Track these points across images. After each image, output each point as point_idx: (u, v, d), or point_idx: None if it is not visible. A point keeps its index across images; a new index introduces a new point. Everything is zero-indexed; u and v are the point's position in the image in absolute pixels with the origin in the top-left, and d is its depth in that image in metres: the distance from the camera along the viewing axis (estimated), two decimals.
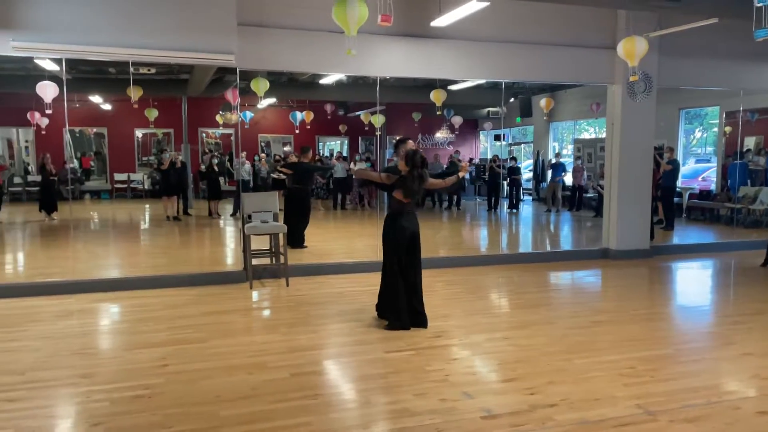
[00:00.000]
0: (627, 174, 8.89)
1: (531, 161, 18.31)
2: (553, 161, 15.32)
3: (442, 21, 7.31)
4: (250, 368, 4.32)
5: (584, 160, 15.00)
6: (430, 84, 11.49)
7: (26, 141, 16.60)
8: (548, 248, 10.56)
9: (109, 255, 9.22)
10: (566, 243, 11.29)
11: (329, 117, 17.17)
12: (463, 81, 11.62)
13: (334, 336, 5.20)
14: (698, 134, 17.00)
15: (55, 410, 3.73)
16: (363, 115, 16.01)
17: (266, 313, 6.27)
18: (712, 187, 13.49)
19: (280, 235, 7.25)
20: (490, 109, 16.98)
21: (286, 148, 19.46)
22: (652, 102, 8.83)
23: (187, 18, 6.76)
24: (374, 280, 7.14)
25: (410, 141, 5.63)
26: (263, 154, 15.48)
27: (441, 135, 19.92)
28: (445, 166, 15.98)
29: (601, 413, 3.58)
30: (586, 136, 17.58)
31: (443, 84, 11.44)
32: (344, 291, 6.75)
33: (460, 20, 7.29)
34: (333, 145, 20.69)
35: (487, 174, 15.92)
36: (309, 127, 16.53)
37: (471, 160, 16.27)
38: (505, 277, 7.74)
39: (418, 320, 5.29)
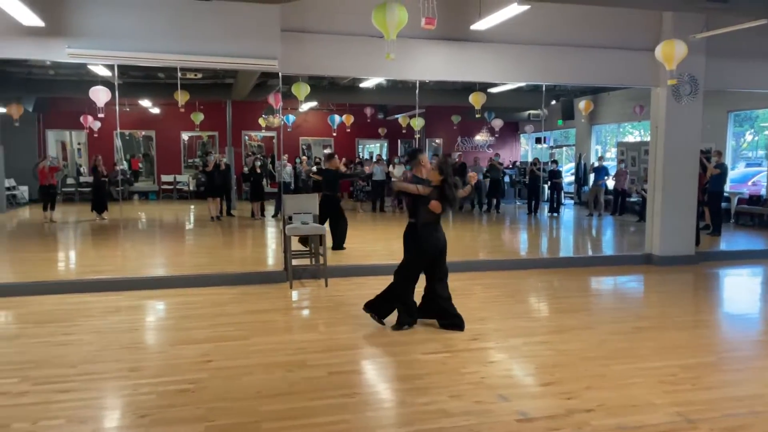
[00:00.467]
0: (672, 178, 8.69)
1: (573, 164, 18.04)
2: (596, 164, 15.06)
3: (482, 24, 7.31)
4: (289, 366, 4.43)
5: (628, 164, 14.71)
6: (470, 87, 11.47)
7: (79, 143, 17.31)
8: (589, 253, 10.40)
9: (156, 254, 9.53)
10: (608, 248, 11.10)
11: (369, 120, 17.31)
12: (503, 84, 11.55)
13: (371, 336, 5.27)
14: (749, 137, 16.46)
15: (105, 401, 3.90)
16: (401, 118, 16.08)
17: (305, 312, 6.39)
18: (763, 191, 13.05)
19: (318, 237, 7.37)
20: (531, 111, 16.81)
21: (326, 151, 19.71)
22: (698, 104, 8.62)
23: (232, 25, 6.97)
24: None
25: (423, 152, 5.68)
26: (304, 157, 15.72)
27: (480, 138, 19.84)
28: (485, 170, 15.93)
29: (639, 420, 3.54)
30: (630, 139, 17.23)
31: (483, 87, 11.40)
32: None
33: (500, 23, 7.28)
34: (372, 148, 20.84)
35: (527, 177, 15.76)
36: (349, 130, 16.70)
37: (493, 158, 16.05)
38: (544, 282, 7.68)
39: (455, 322, 5.32)
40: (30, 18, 6.11)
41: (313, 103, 16.38)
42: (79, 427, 3.46)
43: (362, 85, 13.15)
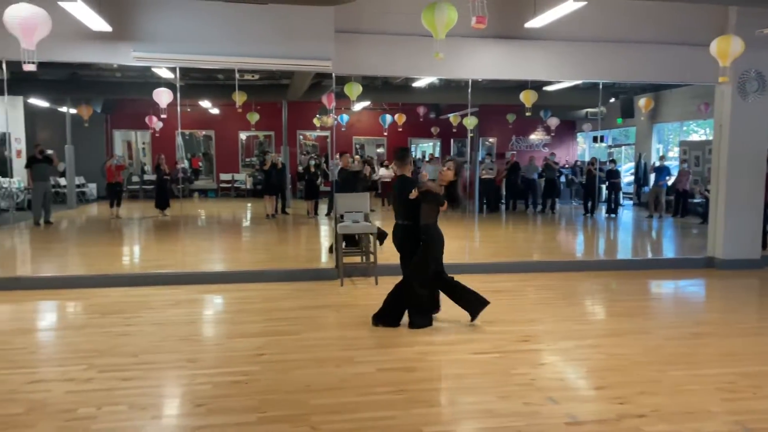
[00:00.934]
0: (736, 178, 8.32)
1: (632, 164, 17.48)
2: (657, 164, 14.55)
3: (537, 22, 7.21)
4: (338, 361, 4.51)
5: (691, 164, 14.15)
6: (525, 85, 11.30)
7: (143, 143, 18.03)
8: (648, 255, 10.09)
9: (214, 250, 9.85)
10: (668, 250, 10.73)
11: (421, 119, 17.29)
12: (559, 82, 11.33)
13: (419, 335, 5.29)
14: None
15: (164, 390, 4.09)
16: (452, 117, 15.99)
17: (355, 310, 6.47)
18: None
19: (370, 235, 7.45)
20: (589, 110, 16.40)
21: (379, 150, 19.84)
22: (765, 102, 8.22)
23: (288, 27, 7.13)
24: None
25: (410, 152, 5.77)
26: (357, 156, 15.85)
27: (536, 137, 19.49)
28: (540, 169, 15.67)
29: (694, 427, 3.44)
30: (694, 138, 16.56)
31: (535, 85, 11.21)
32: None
33: (555, 20, 7.15)
34: (425, 147, 20.81)
35: (583, 177, 15.39)
36: (401, 129, 16.73)
37: (549, 158, 15.69)
38: (600, 284, 7.50)
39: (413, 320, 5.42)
40: (99, 23, 6.44)
41: (366, 103, 16.50)
42: (139, 413, 3.64)
43: (415, 84, 13.15)
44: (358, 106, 16.35)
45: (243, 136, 18.55)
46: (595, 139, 17.94)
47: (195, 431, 3.41)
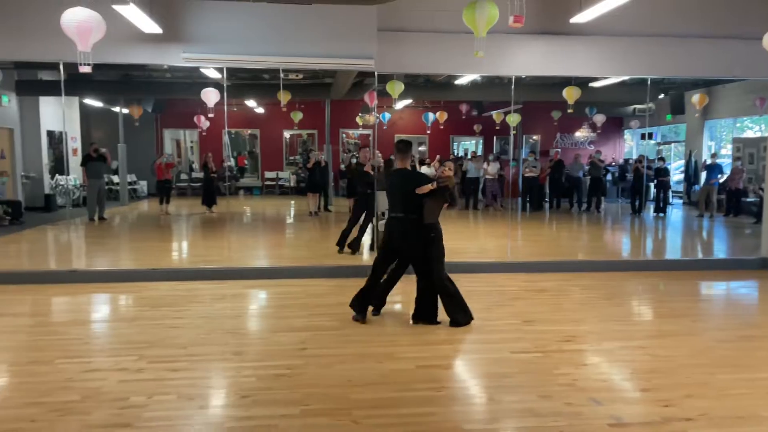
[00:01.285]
0: None
1: (682, 162, 16.96)
2: (708, 162, 14.08)
3: (582, 17, 7.09)
4: (379, 357, 4.56)
5: (745, 161, 13.64)
6: (569, 81, 11.12)
7: (191, 141, 18.55)
8: (699, 255, 9.78)
9: (259, 246, 10.05)
10: (719, 251, 10.38)
11: (464, 117, 17.21)
12: (605, 78, 11.10)
13: (460, 333, 5.29)
14: None
15: (211, 381, 4.21)
16: (495, 114, 15.85)
17: (397, 306, 6.51)
18: None
19: None
20: (637, 106, 16.00)
21: (421, 148, 19.81)
22: None
23: (331, 27, 7.22)
24: (503, 281, 7.16)
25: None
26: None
27: (581, 134, 19.12)
28: (586, 167, 15.38)
29: None
30: (749, 134, 15.94)
31: (579, 81, 11.01)
32: (472, 290, 6.78)
33: (601, 15, 7.01)
34: (467, 145, 20.69)
35: (631, 175, 15.03)
36: (443, 127, 16.70)
37: (594, 155, 15.34)
38: (646, 285, 7.33)
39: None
40: (150, 26, 6.66)
41: (408, 101, 16.52)
42: (187, 403, 3.77)
43: (457, 81, 13.11)
44: (399, 104, 16.39)
45: (287, 134, 18.84)
46: (643, 137, 17.49)
47: (240, 422, 3.51)
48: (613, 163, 17.89)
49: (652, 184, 14.52)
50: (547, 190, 15.73)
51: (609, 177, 16.57)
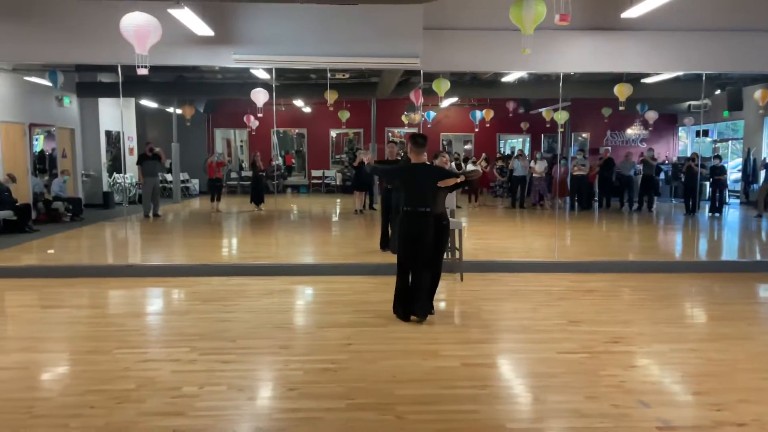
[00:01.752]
0: None
1: (740, 160, 16.31)
2: None
3: (633, 12, 6.93)
4: (424, 354, 4.59)
5: None
6: (620, 78, 10.85)
7: (241, 141, 18.99)
8: (757, 257, 9.41)
9: (305, 243, 10.22)
10: None
11: (511, 115, 17.02)
12: (658, 74, 10.79)
13: (504, 332, 5.27)
14: None
15: (259, 374, 4.33)
16: (544, 112, 15.61)
17: (440, 304, 6.52)
18: None
19: (456, 231, 7.45)
20: (692, 102, 15.47)
21: (467, 147, 19.69)
22: None
23: (377, 26, 7.29)
24: (549, 280, 7.08)
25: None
26: (446, 153, 15.84)
27: (632, 131, 18.62)
28: (638, 166, 14.98)
29: None
30: None
31: (631, 77, 10.71)
32: (518, 289, 6.76)
33: (653, 9, 6.84)
34: (514, 143, 20.46)
35: (684, 174, 14.54)
36: (489, 125, 16.56)
37: (646, 153, 14.88)
38: (700, 286, 7.11)
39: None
40: (202, 28, 6.88)
41: (454, 99, 16.45)
42: (237, 394, 3.89)
43: (504, 79, 12.98)
44: (445, 103, 16.34)
45: (333, 133, 19.05)
46: (698, 134, 16.90)
47: (288, 413, 3.60)
48: (666, 162, 17.37)
49: (707, 183, 14.02)
50: (596, 189, 15.39)
51: (662, 176, 16.08)
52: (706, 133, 16.97)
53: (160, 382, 4.03)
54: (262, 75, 9.76)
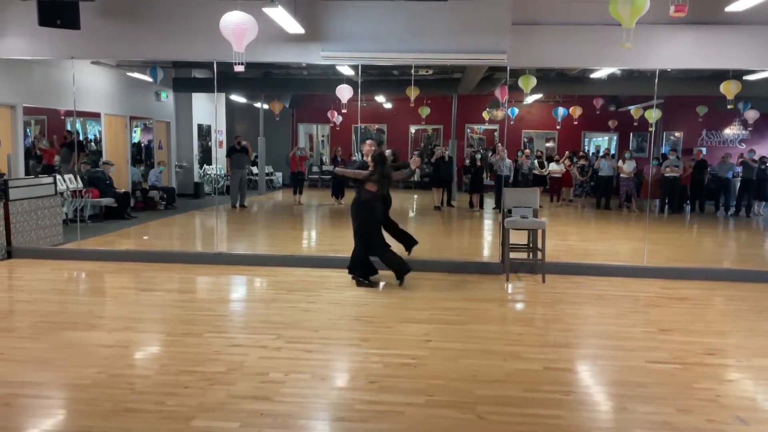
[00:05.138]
0: None
1: None
2: None
3: (739, 5, 6.50)
4: (504, 355, 4.53)
5: None
6: (720, 75, 10.21)
7: (323, 136, 19.40)
8: None
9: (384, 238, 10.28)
10: None
11: (598, 112, 16.40)
12: (763, 71, 10.07)
13: (590, 337, 5.12)
14: None
15: (341, 364, 4.43)
16: (633, 109, 14.93)
17: (521, 306, 6.42)
18: None
19: (540, 231, 7.29)
20: None
21: (549, 144, 19.18)
22: None
23: (464, 22, 7.23)
24: (638, 286, 6.79)
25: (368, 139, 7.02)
26: (527, 150, 15.53)
27: (731, 131, 17.49)
28: (737, 168, 14.08)
29: None
30: None
31: (736, 74, 10.05)
32: (603, 293, 6.53)
33: (761, 2, 6.39)
34: (599, 142, 19.72)
35: None
36: (576, 122, 16.04)
37: (746, 155, 13.85)
38: None
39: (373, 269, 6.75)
40: (294, 27, 7.07)
41: (538, 95, 16.07)
42: (320, 383, 4.00)
43: (593, 75, 12.53)
44: (529, 99, 15.99)
45: (413, 129, 19.08)
46: None
47: (369, 405, 3.66)
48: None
49: None
50: (689, 192, 14.58)
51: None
52: None
53: (248, 367, 4.21)
54: (346, 71, 9.92)
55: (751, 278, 7.29)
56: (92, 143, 12.46)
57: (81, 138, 11.92)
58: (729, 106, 10.59)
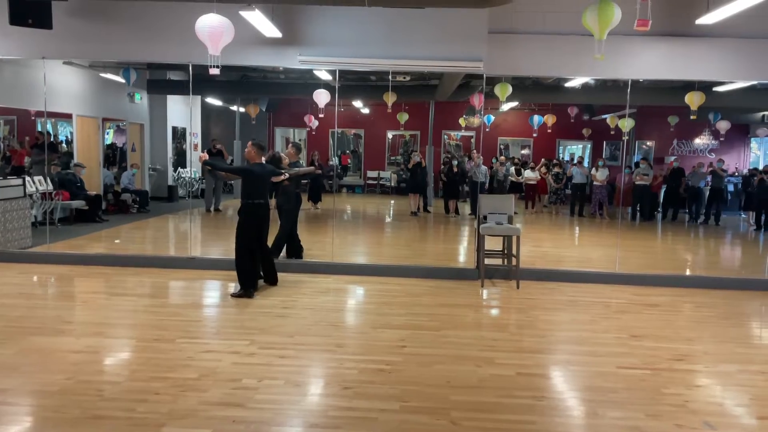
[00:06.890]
0: None
1: None
2: None
3: (710, 18, 6.66)
4: (478, 361, 4.56)
5: None
6: (690, 85, 10.43)
7: (300, 140, 19.31)
8: None
9: (360, 243, 10.31)
10: None
11: (572, 120, 16.63)
12: (732, 83, 10.32)
13: (562, 343, 5.18)
14: None
15: (315, 370, 4.40)
16: (609, 118, 15.17)
17: (495, 312, 6.46)
18: None
19: (514, 237, 7.36)
20: (766, 113, 14.75)
21: (524, 152, 19.40)
22: None
23: (441, 29, 7.28)
24: (609, 292, 6.89)
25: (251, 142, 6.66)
26: (502, 157, 15.68)
27: (701, 141, 17.89)
28: (707, 176, 14.40)
29: None
30: None
31: (703, 85, 10.28)
32: (576, 299, 6.61)
33: (731, 16, 6.55)
34: (574, 149, 19.99)
35: (755, 186, 13.86)
36: (550, 130, 16.24)
37: (716, 164, 14.21)
38: None
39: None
40: (271, 30, 7.04)
41: (514, 103, 16.23)
42: (294, 389, 3.97)
43: (567, 84, 12.71)
44: (505, 107, 16.14)
45: (390, 135, 19.13)
46: None
47: (342, 411, 3.65)
48: (736, 173, 16.61)
49: None
50: (661, 200, 14.87)
51: (731, 188, 15.39)
52: None
53: (220, 373, 4.16)
54: (324, 76, 9.90)
55: (718, 285, 7.45)
56: (63, 144, 12.22)
57: (52, 139, 11.68)
58: (692, 117, 10.80)
